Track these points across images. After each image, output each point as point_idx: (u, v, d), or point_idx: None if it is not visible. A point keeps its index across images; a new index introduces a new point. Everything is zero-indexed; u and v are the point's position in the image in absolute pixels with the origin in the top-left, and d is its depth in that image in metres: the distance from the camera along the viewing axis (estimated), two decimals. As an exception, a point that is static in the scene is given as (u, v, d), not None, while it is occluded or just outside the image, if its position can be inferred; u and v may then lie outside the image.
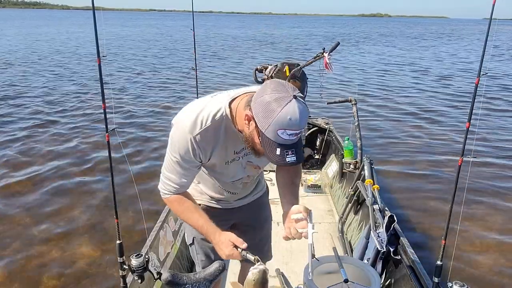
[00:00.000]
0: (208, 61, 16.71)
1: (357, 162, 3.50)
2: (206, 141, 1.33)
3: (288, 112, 1.13)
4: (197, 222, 1.44)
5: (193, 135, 1.31)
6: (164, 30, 45.91)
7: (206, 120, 1.31)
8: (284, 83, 1.19)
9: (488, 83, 11.67)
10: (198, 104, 1.36)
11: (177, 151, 1.35)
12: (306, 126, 1.20)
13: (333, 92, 10.05)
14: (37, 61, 16.09)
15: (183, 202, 1.46)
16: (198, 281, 1.34)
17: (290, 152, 1.20)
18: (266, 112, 1.15)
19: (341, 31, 46.48)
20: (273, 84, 1.19)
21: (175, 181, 1.42)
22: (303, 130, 1.21)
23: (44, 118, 7.73)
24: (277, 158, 1.21)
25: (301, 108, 1.15)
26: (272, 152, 1.20)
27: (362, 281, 1.64)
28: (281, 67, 4.03)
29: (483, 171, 5.29)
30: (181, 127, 1.32)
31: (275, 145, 1.19)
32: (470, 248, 3.65)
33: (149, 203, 4.05)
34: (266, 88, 1.18)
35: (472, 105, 1.71)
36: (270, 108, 1.14)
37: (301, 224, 1.37)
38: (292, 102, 1.14)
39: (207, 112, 1.31)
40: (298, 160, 1.22)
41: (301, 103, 1.16)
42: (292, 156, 1.20)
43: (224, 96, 1.35)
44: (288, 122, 1.14)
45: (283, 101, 1.13)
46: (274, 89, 1.16)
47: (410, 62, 17.84)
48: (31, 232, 3.87)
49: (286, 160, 1.20)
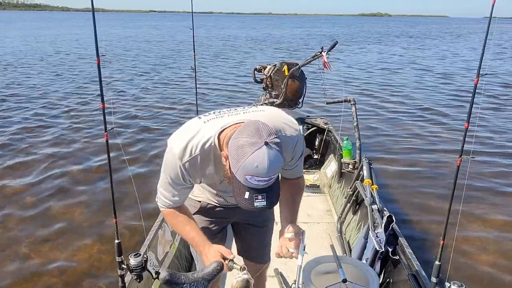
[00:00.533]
0: (208, 61, 16.72)
1: (356, 162, 3.50)
2: (195, 168, 1.37)
3: (256, 159, 1.12)
4: (188, 234, 1.49)
5: (182, 162, 1.34)
6: (164, 30, 45.94)
7: (195, 149, 1.33)
8: (261, 128, 1.17)
9: (489, 82, 11.69)
10: (190, 129, 1.37)
11: (168, 174, 1.39)
12: (277, 173, 1.20)
13: (333, 91, 10.06)
14: (38, 61, 16.10)
15: (176, 216, 1.51)
16: (196, 281, 1.34)
17: (260, 196, 1.19)
18: (236, 156, 1.15)
19: (342, 31, 46.49)
20: (250, 127, 1.17)
21: (168, 198, 1.47)
22: (274, 178, 1.18)
23: (43, 118, 7.73)
24: (245, 202, 1.21)
25: (272, 155, 1.13)
26: (241, 196, 1.21)
27: (360, 281, 1.65)
28: (280, 67, 4.04)
29: (482, 171, 5.30)
30: (172, 152, 1.35)
31: (244, 189, 1.19)
32: (469, 248, 3.66)
33: (148, 202, 4.04)
34: (244, 130, 1.18)
35: (471, 105, 1.71)
36: (240, 153, 1.14)
37: (292, 244, 1.43)
38: (262, 149, 1.12)
39: (197, 140, 1.33)
40: (269, 205, 1.21)
41: (273, 150, 1.14)
42: (262, 200, 1.20)
43: (215, 125, 1.34)
44: (255, 169, 1.13)
45: (253, 147, 1.12)
46: (249, 134, 1.15)
47: (410, 61, 17.84)
48: (30, 232, 3.87)
49: (255, 205, 1.20)
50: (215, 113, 1.41)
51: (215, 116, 1.39)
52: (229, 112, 1.41)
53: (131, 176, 4.50)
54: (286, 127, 1.41)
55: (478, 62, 1.65)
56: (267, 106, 1.49)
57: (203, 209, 1.74)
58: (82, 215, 4.20)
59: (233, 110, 1.43)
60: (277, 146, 1.16)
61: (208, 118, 1.38)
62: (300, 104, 4.25)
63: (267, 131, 1.16)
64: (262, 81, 4.27)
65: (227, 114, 1.39)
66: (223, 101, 9.41)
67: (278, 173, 1.20)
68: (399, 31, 51.51)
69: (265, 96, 4.33)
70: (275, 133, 1.18)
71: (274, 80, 4.12)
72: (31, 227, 3.95)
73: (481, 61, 1.65)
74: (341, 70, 14.25)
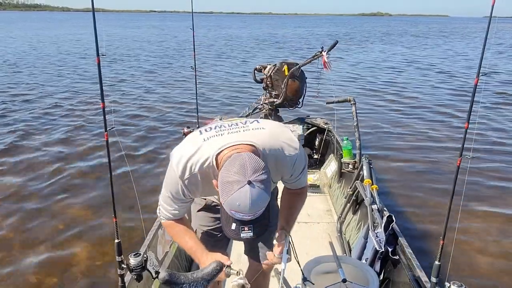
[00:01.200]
0: (209, 61, 16.72)
1: (356, 162, 3.50)
2: (195, 185, 1.41)
3: (238, 198, 1.15)
4: (186, 244, 1.53)
5: (182, 179, 1.38)
6: (165, 30, 45.93)
7: (194, 167, 1.36)
8: (247, 164, 1.18)
9: (490, 82, 11.68)
10: (190, 146, 1.39)
11: (169, 189, 1.44)
12: (261, 209, 1.21)
13: (334, 91, 10.06)
14: (39, 61, 16.10)
15: (174, 227, 1.55)
16: (196, 281, 1.34)
17: (247, 228, 1.23)
18: (222, 191, 1.19)
19: (342, 30, 46.47)
20: (237, 163, 1.19)
21: (168, 211, 1.51)
22: (259, 212, 1.21)
23: (43, 118, 7.73)
24: (231, 232, 1.25)
25: (254, 194, 1.15)
26: (228, 226, 1.25)
27: (360, 281, 1.65)
28: (280, 67, 4.04)
29: (482, 171, 5.30)
30: (173, 169, 1.39)
31: (231, 219, 1.23)
32: (469, 248, 3.66)
33: (148, 202, 4.04)
34: (231, 165, 1.20)
35: (471, 105, 1.71)
36: (225, 189, 1.17)
37: (279, 249, 1.50)
38: (244, 188, 1.14)
39: (196, 159, 1.36)
40: (255, 235, 1.25)
41: (256, 189, 1.16)
42: (249, 232, 1.23)
43: (214, 144, 1.36)
44: (237, 207, 1.16)
45: (236, 186, 1.15)
46: (235, 171, 1.17)
47: (411, 60, 17.84)
48: (29, 231, 3.87)
49: (241, 236, 1.24)
50: (215, 129, 1.42)
51: (215, 133, 1.40)
52: (229, 128, 1.41)
53: (131, 175, 4.50)
54: (285, 146, 1.42)
55: (479, 61, 1.65)
56: (268, 123, 1.49)
57: (208, 206, 1.78)
58: (82, 214, 4.20)
59: (234, 125, 1.43)
60: (262, 183, 1.17)
61: (208, 135, 1.40)
62: (300, 103, 4.25)
63: (252, 168, 1.17)
64: (262, 81, 4.27)
65: (227, 131, 1.40)
66: (224, 101, 9.41)
67: (263, 208, 1.21)
68: (401, 30, 51.48)
69: (265, 96, 4.33)
70: (261, 169, 1.19)
71: (274, 80, 4.12)
72: (31, 227, 3.95)
73: (481, 60, 1.65)
74: (341, 69, 14.25)
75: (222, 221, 1.27)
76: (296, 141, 1.46)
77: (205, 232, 1.82)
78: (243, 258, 2.02)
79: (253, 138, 1.36)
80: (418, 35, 40.44)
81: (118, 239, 1.78)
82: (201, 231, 1.83)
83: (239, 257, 2.60)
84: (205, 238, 1.81)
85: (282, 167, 1.45)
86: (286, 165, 1.44)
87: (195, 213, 1.82)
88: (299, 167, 1.50)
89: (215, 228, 1.81)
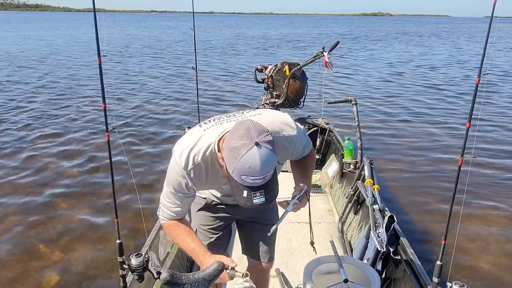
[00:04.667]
0: (210, 61, 16.72)
1: (357, 162, 3.50)
2: (199, 175, 1.41)
3: (248, 160, 1.15)
4: (188, 246, 1.51)
5: (186, 170, 1.38)
6: (165, 30, 45.94)
7: (198, 156, 1.37)
8: (251, 127, 1.19)
9: (492, 82, 11.66)
10: (191, 138, 1.41)
11: (171, 184, 1.44)
12: (271, 170, 1.18)
13: (335, 91, 10.06)
14: (40, 61, 16.12)
15: (176, 228, 1.54)
16: (197, 281, 1.34)
17: (258, 193, 1.22)
18: (230, 158, 1.18)
19: (344, 30, 46.45)
20: (241, 128, 1.20)
21: (170, 209, 1.51)
22: (269, 175, 1.21)
23: (43, 118, 7.74)
24: (244, 200, 1.24)
25: (263, 155, 1.15)
26: (239, 194, 1.24)
27: (362, 281, 1.64)
28: (281, 67, 4.03)
29: (483, 171, 5.29)
30: (176, 161, 1.40)
31: (242, 187, 1.22)
32: (470, 248, 3.65)
33: (149, 202, 4.05)
34: (235, 131, 1.21)
35: (472, 105, 1.71)
36: (233, 154, 1.17)
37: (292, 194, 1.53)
38: (253, 150, 1.15)
39: (198, 148, 1.37)
40: (267, 200, 1.24)
41: (264, 149, 1.16)
42: (261, 197, 1.23)
43: (215, 131, 1.37)
44: (248, 169, 1.16)
45: (244, 149, 1.15)
46: (241, 135, 1.18)
47: (411, 61, 17.81)
48: (30, 232, 3.87)
49: (254, 202, 1.23)
50: (215, 120, 1.45)
51: (215, 123, 1.42)
52: (228, 118, 1.44)
53: (133, 176, 4.50)
54: (283, 127, 1.45)
55: (485, 61, 1.64)
56: (264, 109, 1.54)
57: (208, 205, 1.78)
58: (83, 215, 4.20)
59: (232, 116, 1.46)
60: (269, 144, 1.18)
61: (208, 126, 1.42)
62: (301, 104, 4.24)
63: (257, 130, 1.19)
64: (263, 81, 4.27)
65: (226, 120, 1.43)
66: (225, 102, 9.41)
67: (272, 170, 1.22)
68: (401, 30, 51.42)
69: (266, 96, 4.33)
70: (266, 131, 1.20)
71: (275, 80, 4.12)
72: (32, 227, 3.95)
73: (482, 61, 1.65)
74: (341, 69, 14.25)
75: (232, 191, 1.26)
76: (292, 122, 1.49)
77: (205, 231, 1.82)
78: (244, 259, 2.02)
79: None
80: (419, 35, 40.39)
81: (120, 239, 1.78)
82: (202, 230, 1.83)
83: (240, 258, 2.60)
84: (206, 238, 1.82)
85: (283, 149, 1.46)
86: (287, 145, 1.47)
87: (195, 212, 1.83)
88: (301, 144, 1.55)
89: (215, 227, 1.81)
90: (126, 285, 1.79)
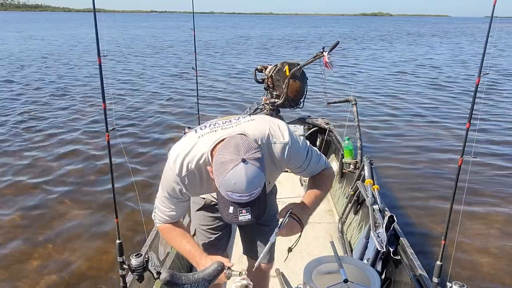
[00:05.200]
0: (210, 61, 16.73)
1: (357, 162, 3.50)
2: (193, 182, 1.42)
3: (233, 176, 1.14)
4: (184, 248, 1.51)
5: (180, 177, 1.39)
6: (165, 30, 45.95)
7: (191, 164, 1.38)
8: (240, 144, 1.19)
9: (492, 82, 11.65)
10: (186, 144, 1.41)
11: (165, 189, 1.44)
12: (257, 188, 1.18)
13: (335, 91, 10.06)
14: (41, 61, 16.12)
15: (172, 231, 1.54)
16: (197, 281, 1.34)
17: (244, 210, 1.21)
18: (217, 173, 1.18)
19: (344, 30, 46.43)
20: (231, 143, 1.20)
21: (165, 213, 1.51)
22: (256, 192, 1.19)
23: (43, 118, 7.74)
24: (230, 216, 1.23)
25: (249, 172, 1.14)
26: (225, 210, 1.23)
27: (362, 281, 1.64)
28: (281, 67, 4.04)
29: (483, 171, 5.29)
30: (170, 167, 1.40)
31: (228, 203, 1.22)
32: (470, 248, 3.65)
33: (149, 202, 4.04)
34: (225, 147, 1.21)
35: (472, 105, 1.71)
36: (220, 170, 1.17)
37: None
38: (239, 167, 1.14)
39: (192, 156, 1.38)
40: (254, 218, 1.23)
41: (251, 166, 1.15)
42: (247, 214, 1.22)
43: (209, 140, 1.36)
44: (233, 186, 1.15)
45: (230, 165, 1.15)
46: (229, 151, 1.18)
47: (412, 61, 17.80)
48: (31, 232, 3.87)
49: (239, 219, 1.22)
50: (210, 126, 1.44)
51: (210, 129, 1.42)
52: (223, 124, 1.43)
53: (133, 176, 4.50)
54: (274, 133, 1.42)
55: (485, 61, 1.64)
56: (260, 115, 1.52)
57: (207, 205, 1.78)
58: (83, 215, 4.20)
59: (228, 122, 1.44)
60: (257, 161, 1.17)
61: (203, 133, 1.42)
62: (301, 104, 4.24)
63: (245, 147, 1.18)
64: (263, 81, 4.27)
65: (221, 127, 1.41)
66: (225, 102, 9.41)
67: (260, 187, 1.21)
68: (403, 30, 51.40)
69: (266, 96, 4.33)
70: (255, 148, 1.19)
71: (275, 80, 4.12)
72: (32, 227, 3.95)
73: (483, 60, 1.65)
74: (341, 68, 14.24)
75: (219, 206, 1.25)
76: (285, 130, 1.45)
77: (204, 231, 1.83)
78: (244, 259, 2.02)
79: (245, 130, 1.37)
80: (419, 35, 40.37)
81: (120, 239, 1.78)
82: (201, 230, 1.83)
83: (240, 258, 2.60)
84: (205, 237, 1.82)
85: (276, 157, 1.44)
86: (279, 153, 1.43)
87: (194, 212, 1.83)
88: (297, 153, 1.48)
89: (214, 227, 1.82)
90: (126, 285, 1.79)
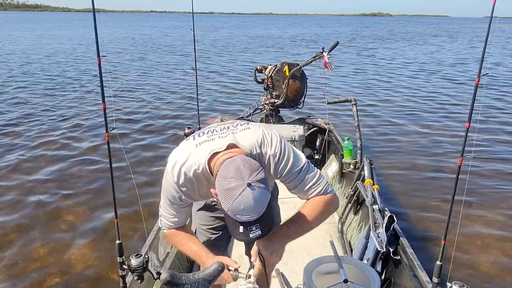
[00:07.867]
0: (209, 62, 16.72)
1: (357, 162, 3.50)
2: (191, 188, 1.44)
3: (241, 201, 1.17)
4: (191, 249, 1.53)
5: (178, 184, 1.42)
6: (165, 30, 45.95)
7: (188, 172, 1.40)
8: (242, 167, 1.19)
9: (492, 82, 11.66)
10: (183, 153, 1.42)
11: (166, 196, 1.48)
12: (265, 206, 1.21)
13: (335, 91, 10.06)
14: (42, 61, 16.12)
15: (177, 235, 1.57)
16: (197, 281, 1.34)
17: (254, 227, 1.25)
18: (223, 199, 1.20)
19: (343, 30, 46.46)
20: (231, 168, 1.21)
21: (169, 220, 1.54)
22: (263, 210, 1.22)
23: (43, 117, 7.74)
24: (240, 235, 1.26)
25: (256, 195, 1.17)
26: (236, 230, 1.26)
27: (361, 281, 1.64)
28: (281, 67, 4.05)
29: (483, 171, 5.29)
30: (168, 174, 1.43)
31: (237, 224, 1.24)
32: (470, 248, 3.65)
33: (149, 203, 4.05)
34: (226, 172, 1.21)
35: (472, 105, 1.71)
36: (226, 196, 1.19)
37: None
38: (246, 192, 1.17)
39: (189, 165, 1.39)
40: (262, 234, 1.26)
41: (257, 190, 1.18)
42: (257, 231, 1.25)
43: (205, 149, 1.37)
44: (242, 210, 1.18)
45: (236, 191, 1.17)
46: (232, 176, 1.19)
47: (412, 60, 17.81)
48: (30, 233, 3.87)
49: (250, 236, 1.25)
50: (208, 134, 1.45)
51: (207, 137, 1.43)
52: (220, 132, 1.44)
53: (133, 176, 4.50)
54: (266, 143, 1.41)
55: (484, 62, 1.65)
56: (252, 123, 1.52)
57: (208, 205, 1.80)
58: (83, 215, 4.20)
59: (225, 129, 1.45)
60: (261, 182, 1.20)
61: (200, 141, 1.43)
62: (301, 104, 4.25)
63: (248, 169, 1.20)
64: (263, 82, 4.27)
65: (217, 135, 1.42)
66: (224, 102, 9.40)
67: (266, 204, 1.23)
68: (403, 30, 51.44)
69: (266, 96, 4.33)
70: (257, 168, 1.21)
71: (275, 81, 4.13)
72: (32, 228, 3.95)
73: (482, 61, 1.65)
74: (342, 68, 14.25)
75: (228, 226, 1.29)
76: (276, 138, 1.42)
77: (204, 231, 1.83)
78: (244, 259, 2.02)
79: (241, 140, 1.39)
80: (420, 35, 40.39)
81: (119, 239, 1.78)
82: (201, 230, 1.84)
83: (240, 258, 2.60)
84: (205, 237, 1.83)
85: (266, 166, 1.42)
86: (266, 162, 1.41)
87: (195, 212, 1.84)
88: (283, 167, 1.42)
89: (215, 227, 1.83)
90: (126, 286, 1.80)
